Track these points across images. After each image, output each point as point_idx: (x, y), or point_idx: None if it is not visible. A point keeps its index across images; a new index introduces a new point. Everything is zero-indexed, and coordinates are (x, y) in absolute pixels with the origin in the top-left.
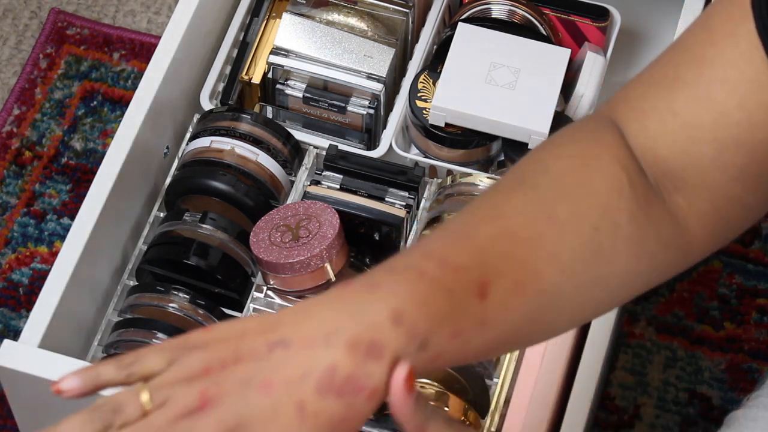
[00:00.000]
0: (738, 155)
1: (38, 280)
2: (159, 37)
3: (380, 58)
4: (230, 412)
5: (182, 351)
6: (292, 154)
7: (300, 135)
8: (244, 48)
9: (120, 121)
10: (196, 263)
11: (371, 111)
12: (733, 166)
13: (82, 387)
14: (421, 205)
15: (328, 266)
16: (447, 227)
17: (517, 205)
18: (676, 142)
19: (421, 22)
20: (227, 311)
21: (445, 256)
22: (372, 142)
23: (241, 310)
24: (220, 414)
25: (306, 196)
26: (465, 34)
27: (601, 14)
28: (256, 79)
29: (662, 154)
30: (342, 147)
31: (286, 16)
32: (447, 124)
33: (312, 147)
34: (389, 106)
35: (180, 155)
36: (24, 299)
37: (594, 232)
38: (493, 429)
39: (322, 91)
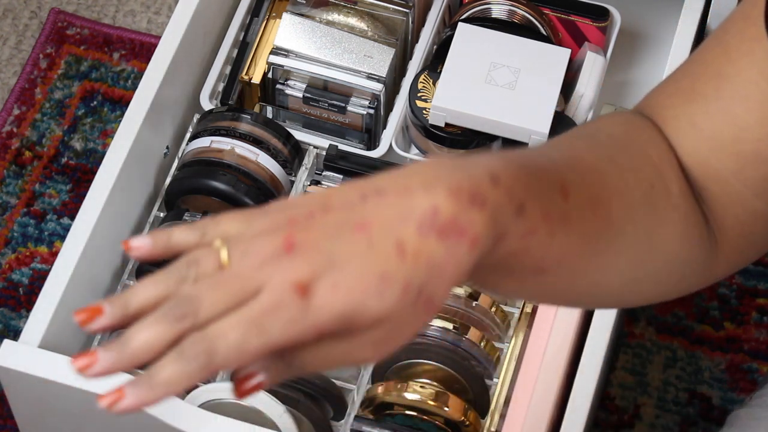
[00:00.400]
0: (759, 170)
1: (38, 280)
2: (159, 37)
3: (380, 58)
4: (321, 250)
5: (263, 212)
6: (292, 154)
7: (300, 135)
8: (244, 48)
9: (120, 121)
10: None
11: (371, 111)
12: (755, 181)
13: (152, 248)
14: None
15: None
16: (513, 150)
17: (581, 145)
18: (698, 153)
19: (421, 22)
20: None
21: (530, 157)
22: (372, 142)
23: None
24: (308, 253)
25: None
26: (465, 34)
27: (601, 14)
28: (256, 79)
29: (685, 163)
30: (342, 147)
31: (286, 16)
32: (447, 124)
33: (312, 147)
34: (389, 106)
35: (180, 155)
36: (24, 299)
37: (650, 188)
38: (493, 429)
39: (322, 91)
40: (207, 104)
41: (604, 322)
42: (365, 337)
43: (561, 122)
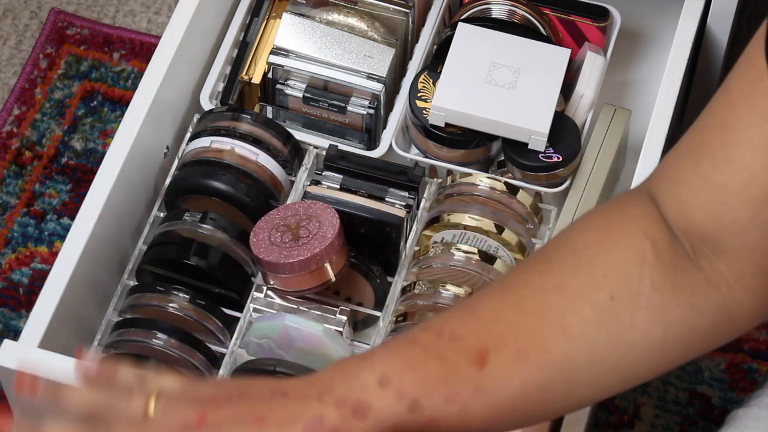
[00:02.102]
0: None
1: (38, 280)
2: (159, 37)
3: (380, 58)
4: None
5: (196, 383)
6: (292, 154)
7: (300, 135)
8: (244, 48)
9: (120, 121)
10: (196, 263)
11: (371, 111)
12: None
13: (97, 376)
14: (421, 205)
15: (328, 266)
16: (458, 304)
17: (527, 278)
18: (709, 208)
19: (421, 22)
20: (227, 311)
21: (442, 326)
22: (372, 142)
23: (241, 310)
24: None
25: (306, 196)
26: (465, 34)
27: (601, 14)
28: (256, 79)
29: (697, 221)
30: (342, 147)
31: (286, 16)
32: (447, 124)
33: (312, 147)
34: (389, 106)
35: (180, 155)
36: (24, 299)
37: (610, 301)
38: None
39: (322, 91)
40: (207, 104)
41: None
42: None
43: (561, 122)
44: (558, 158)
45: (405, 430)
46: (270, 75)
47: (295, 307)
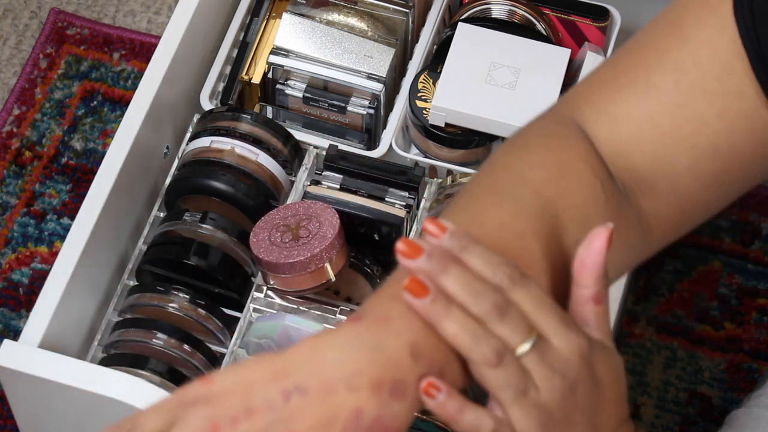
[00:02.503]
0: (714, 163)
1: (38, 280)
2: (159, 37)
3: (380, 58)
4: None
5: (183, 409)
6: (292, 154)
7: (300, 135)
8: (244, 48)
9: (120, 121)
10: (196, 263)
11: (371, 111)
12: (707, 174)
13: None
14: (421, 205)
15: (328, 266)
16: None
17: (498, 217)
18: (651, 150)
19: (421, 22)
20: (227, 311)
21: None
22: (372, 142)
23: (240, 310)
24: None
25: (306, 196)
26: (465, 34)
27: (601, 14)
28: (256, 79)
29: (635, 162)
30: (342, 147)
31: (286, 16)
32: (447, 124)
33: (312, 147)
34: (389, 106)
35: (180, 155)
36: (24, 299)
37: (574, 246)
38: None
39: (322, 91)
40: (207, 104)
41: None
42: None
43: None
44: None
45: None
46: (270, 75)
47: (295, 307)
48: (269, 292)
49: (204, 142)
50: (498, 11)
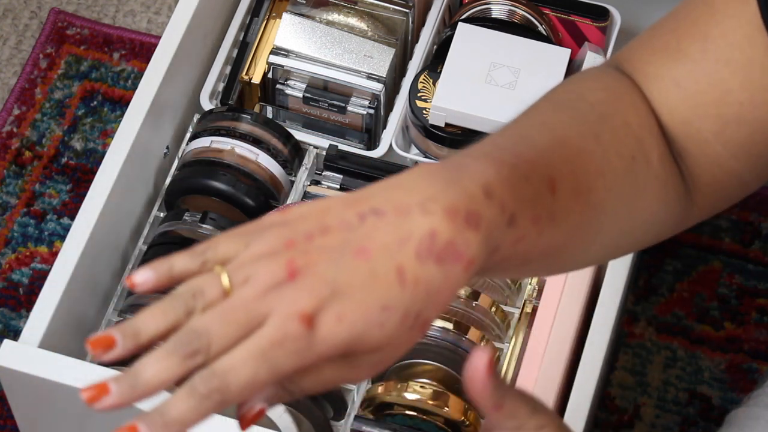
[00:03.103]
0: (740, 132)
1: (38, 280)
2: (159, 37)
3: (380, 58)
4: (324, 278)
5: (259, 232)
6: (292, 154)
7: (300, 135)
8: (244, 48)
9: (120, 121)
10: None
11: (371, 111)
12: (734, 143)
13: (156, 280)
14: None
15: None
16: (502, 133)
17: (564, 120)
18: (679, 113)
19: (421, 22)
20: None
21: (517, 150)
22: (372, 142)
23: None
24: (312, 282)
25: (306, 196)
26: (465, 34)
27: (601, 14)
28: (256, 79)
29: (666, 121)
30: (342, 147)
31: (286, 16)
32: (447, 124)
33: (312, 147)
34: (389, 106)
35: (180, 155)
36: (24, 299)
37: (632, 161)
38: None
39: (322, 91)
40: (207, 104)
41: (604, 322)
42: (362, 360)
43: None
44: None
45: (499, 247)
46: (270, 75)
47: None
48: None
49: (204, 142)
50: (498, 11)
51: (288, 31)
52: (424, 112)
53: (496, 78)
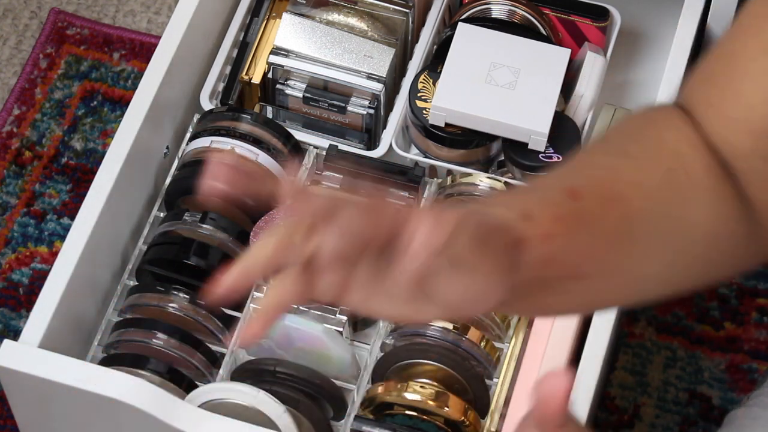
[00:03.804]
0: None
1: (38, 280)
2: (159, 37)
3: (380, 58)
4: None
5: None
6: (292, 154)
7: (300, 135)
8: (244, 48)
9: (120, 121)
10: (196, 263)
11: (371, 111)
12: None
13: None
14: (421, 206)
15: None
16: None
17: (591, 149)
18: (719, 133)
19: (421, 22)
20: (227, 311)
21: (530, 183)
22: (372, 142)
23: (240, 311)
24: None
25: None
26: (465, 34)
27: (601, 14)
28: (256, 79)
29: (714, 143)
30: (342, 147)
31: (286, 16)
32: (447, 124)
33: (312, 147)
34: (389, 106)
35: (180, 155)
36: (24, 299)
37: (668, 172)
38: (493, 429)
39: (322, 91)
40: (207, 104)
41: (604, 322)
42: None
43: (561, 122)
44: (558, 158)
45: (522, 242)
46: (270, 75)
47: (295, 307)
48: None
49: (204, 142)
50: (498, 11)
51: (288, 31)
52: (424, 112)
53: (496, 78)
